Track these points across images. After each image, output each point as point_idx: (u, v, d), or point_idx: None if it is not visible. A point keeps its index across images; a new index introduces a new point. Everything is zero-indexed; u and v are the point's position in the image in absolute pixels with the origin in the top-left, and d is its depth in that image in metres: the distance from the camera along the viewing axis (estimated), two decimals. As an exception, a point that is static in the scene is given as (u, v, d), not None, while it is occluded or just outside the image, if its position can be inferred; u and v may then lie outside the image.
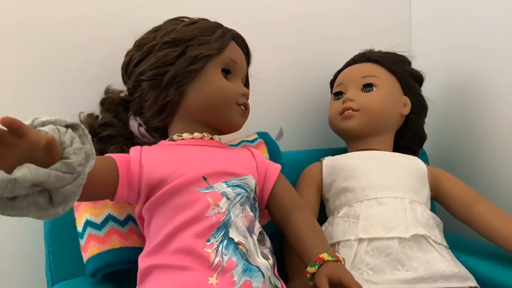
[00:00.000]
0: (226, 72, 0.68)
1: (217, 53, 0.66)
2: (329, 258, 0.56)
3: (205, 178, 0.59)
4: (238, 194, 0.60)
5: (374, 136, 0.82)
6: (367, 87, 0.83)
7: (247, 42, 0.73)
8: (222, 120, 0.67)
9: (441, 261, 0.65)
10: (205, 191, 0.58)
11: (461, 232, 0.82)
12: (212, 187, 0.59)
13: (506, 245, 0.68)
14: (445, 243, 0.71)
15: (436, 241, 0.69)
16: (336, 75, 0.92)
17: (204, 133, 0.67)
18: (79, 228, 0.65)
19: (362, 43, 0.94)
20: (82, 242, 0.64)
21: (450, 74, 1.00)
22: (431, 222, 0.72)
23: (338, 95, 0.88)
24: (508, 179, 0.87)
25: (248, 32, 0.73)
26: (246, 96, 0.69)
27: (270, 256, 0.60)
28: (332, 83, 0.93)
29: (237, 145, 0.80)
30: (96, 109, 0.71)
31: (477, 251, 0.74)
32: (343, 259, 0.58)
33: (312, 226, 0.64)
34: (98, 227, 0.64)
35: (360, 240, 0.68)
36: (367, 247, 0.67)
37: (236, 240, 0.56)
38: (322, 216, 0.80)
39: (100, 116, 0.70)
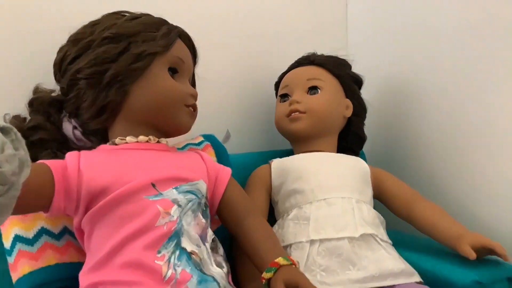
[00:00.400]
0: (173, 71, 0.64)
1: (163, 51, 0.62)
2: (285, 262, 0.55)
3: (153, 185, 0.56)
4: (190, 201, 0.57)
5: (320, 137, 0.83)
6: (312, 89, 0.84)
7: (193, 41, 0.70)
8: (170, 122, 0.63)
9: (389, 258, 0.67)
10: (154, 198, 0.55)
11: (399, 228, 0.85)
12: (162, 194, 0.56)
13: (446, 240, 0.71)
14: (390, 241, 0.73)
15: (382, 239, 0.71)
16: (281, 78, 0.92)
17: (150, 136, 0.63)
18: (7, 244, 0.58)
19: (304, 46, 0.95)
20: (10, 260, 0.57)
21: (385, 78, 1.05)
22: (376, 221, 0.74)
23: (284, 97, 0.88)
24: (438, 177, 0.92)
25: (191, 30, 0.70)
26: (195, 97, 0.66)
27: (224, 264, 0.58)
28: (277, 85, 0.93)
29: (182, 148, 0.77)
30: (23, 111, 0.64)
31: (419, 247, 0.77)
32: (298, 262, 0.57)
33: (265, 231, 0.63)
34: (30, 242, 0.57)
35: (312, 242, 0.68)
36: (319, 248, 0.67)
37: (189, 249, 0.54)
38: (271, 219, 0.79)
39: (29, 118, 0.63)
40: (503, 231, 0.78)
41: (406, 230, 0.83)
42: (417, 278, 0.68)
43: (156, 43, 0.62)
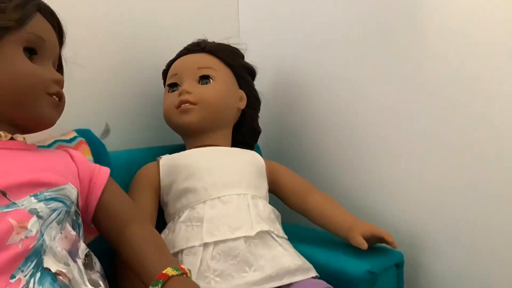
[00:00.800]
0: (31, 52, 0.53)
1: (16, 26, 0.51)
2: (174, 273, 0.49)
3: (4, 193, 0.45)
4: (54, 210, 0.47)
5: (213, 131, 0.79)
6: (204, 79, 0.79)
7: (59, 17, 0.59)
8: (27, 114, 0.52)
9: (286, 255, 0.65)
10: (5, 210, 0.44)
11: (294, 221, 0.84)
12: (16, 203, 0.45)
13: (338, 231, 0.72)
14: (285, 236, 0.72)
15: (278, 235, 0.69)
16: (169, 65, 0.84)
17: (1, 132, 0.51)
18: None
19: (194, 32, 0.89)
20: None
21: (277, 69, 1.04)
22: (272, 216, 0.72)
23: (173, 86, 0.81)
24: (331, 169, 0.94)
25: (58, 5, 0.59)
26: (60, 83, 0.55)
27: (101, 283, 0.49)
28: (164, 73, 0.86)
29: (49, 146, 0.65)
30: None
31: (314, 240, 0.77)
32: (189, 270, 0.51)
33: (151, 239, 0.56)
34: None
35: (206, 245, 0.63)
36: (213, 251, 0.62)
37: (53, 270, 0.44)
38: (161, 222, 0.71)
39: None
40: (391, 221, 0.82)
41: (301, 222, 0.82)
42: (313, 273, 0.67)
43: (7, 15, 0.50)
